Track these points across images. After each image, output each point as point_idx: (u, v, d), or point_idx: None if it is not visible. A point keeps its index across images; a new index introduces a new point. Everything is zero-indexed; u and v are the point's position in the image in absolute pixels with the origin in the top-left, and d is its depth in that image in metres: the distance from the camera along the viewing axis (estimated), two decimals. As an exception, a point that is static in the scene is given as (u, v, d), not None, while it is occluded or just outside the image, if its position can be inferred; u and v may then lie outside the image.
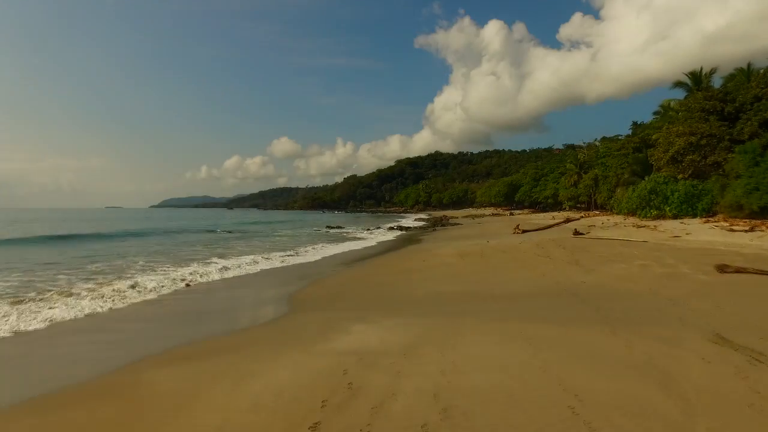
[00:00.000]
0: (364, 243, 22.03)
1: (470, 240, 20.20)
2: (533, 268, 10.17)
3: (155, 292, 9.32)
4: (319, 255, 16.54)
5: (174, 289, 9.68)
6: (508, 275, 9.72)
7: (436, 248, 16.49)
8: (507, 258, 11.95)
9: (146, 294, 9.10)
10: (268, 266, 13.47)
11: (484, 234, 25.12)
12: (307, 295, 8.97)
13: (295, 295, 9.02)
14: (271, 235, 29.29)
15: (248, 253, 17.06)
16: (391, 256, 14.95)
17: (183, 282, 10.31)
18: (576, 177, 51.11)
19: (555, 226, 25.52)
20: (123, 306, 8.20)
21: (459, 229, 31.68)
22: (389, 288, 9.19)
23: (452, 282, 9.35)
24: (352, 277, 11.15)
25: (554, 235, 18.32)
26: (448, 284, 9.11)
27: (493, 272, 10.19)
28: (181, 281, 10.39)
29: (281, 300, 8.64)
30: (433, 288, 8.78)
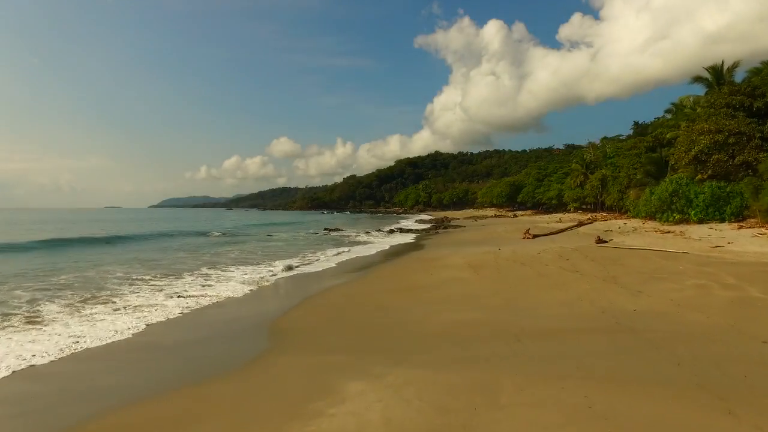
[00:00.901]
0: (363, 249, 20.38)
1: (478, 246, 18.57)
2: (564, 288, 8.53)
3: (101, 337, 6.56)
4: (313, 265, 14.89)
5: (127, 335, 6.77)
6: (537, 297, 8.07)
7: (442, 256, 14.86)
8: (529, 273, 10.31)
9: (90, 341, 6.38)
10: (254, 276, 11.83)
11: (492, 239, 23.50)
12: (292, 323, 7.33)
13: (277, 322, 7.37)
14: (265, 240, 27.63)
15: (239, 262, 15.42)
16: (394, 267, 13.28)
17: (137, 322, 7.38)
18: (582, 178, 49.47)
19: (567, 230, 23.91)
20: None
21: (463, 233, 30.05)
22: (394, 315, 7.52)
23: (470, 306, 7.70)
24: (349, 296, 9.49)
25: (573, 242, 16.67)
26: (465, 309, 7.46)
27: (516, 292, 8.54)
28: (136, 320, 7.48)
29: (257, 329, 7.00)
30: (449, 315, 7.13)
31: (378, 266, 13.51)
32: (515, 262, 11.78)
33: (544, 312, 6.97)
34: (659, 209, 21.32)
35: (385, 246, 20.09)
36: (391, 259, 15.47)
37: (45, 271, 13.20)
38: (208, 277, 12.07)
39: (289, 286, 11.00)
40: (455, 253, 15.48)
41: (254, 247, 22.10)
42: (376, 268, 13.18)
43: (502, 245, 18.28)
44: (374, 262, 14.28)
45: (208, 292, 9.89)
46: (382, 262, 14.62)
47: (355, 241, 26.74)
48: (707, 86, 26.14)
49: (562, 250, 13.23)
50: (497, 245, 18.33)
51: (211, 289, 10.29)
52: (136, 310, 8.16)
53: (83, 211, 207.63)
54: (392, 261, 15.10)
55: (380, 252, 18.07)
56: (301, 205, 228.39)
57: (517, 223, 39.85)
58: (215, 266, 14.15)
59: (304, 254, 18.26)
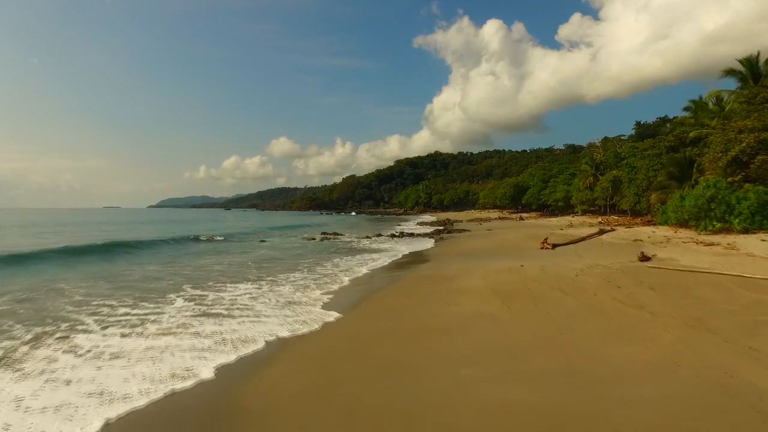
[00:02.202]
0: (362, 261, 18.06)
1: (493, 259, 16.27)
2: (638, 337, 6.21)
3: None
4: (293, 286, 12.57)
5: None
6: (606, 354, 5.73)
7: (456, 274, 12.55)
8: (575, 307, 7.98)
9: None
10: (198, 313, 9.51)
11: (505, 248, 21.18)
12: (262, 395, 5.00)
13: (242, 394, 5.04)
14: (253, 248, 25.28)
15: (225, 279, 13.11)
16: (400, 291, 10.92)
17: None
18: (592, 179, 47.23)
19: (588, 238, 21.60)
20: None
21: (470, 239, 27.73)
22: (403, 384, 5.17)
23: (513, 370, 5.37)
24: (344, 338, 7.15)
25: (607, 256, 14.32)
26: (507, 378, 5.13)
27: (572, 343, 6.20)
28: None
29: (206, 415, 4.67)
30: (485, 391, 4.80)
31: (380, 291, 11.16)
32: (551, 288, 9.46)
33: (632, 390, 4.65)
34: (694, 216, 19.02)
35: (386, 260, 17.70)
36: (395, 278, 13.13)
37: (43, 284, 11.03)
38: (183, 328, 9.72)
39: (240, 333, 8.67)
40: (471, 270, 13.16)
41: (241, 260, 19.75)
42: (378, 294, 10.84)
43: (521, 258, 15.97)
44: (376, 287, 11.90)
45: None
46: (386, 285, 12.27)
47: (354, 248, 24.44)
48: (740, 80, 23.85)
49: (604, 271, 10.91)
50: (516, 258, 16.02)
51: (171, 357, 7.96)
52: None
53: (83, 211, 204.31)
54: (397, 280, 12.77)
55: (383, 267, 15.72)
56: (300, 206, 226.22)
57: (525, 227, 37.53)
58: (193, 296, 11.83)
59: (290, 266, 15.96)
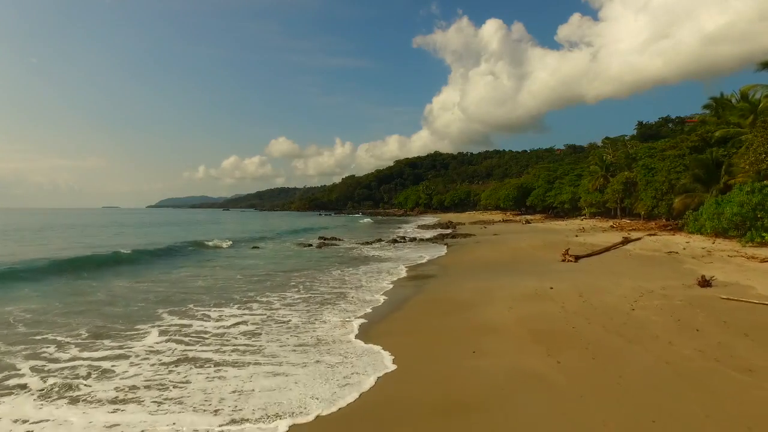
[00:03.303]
0: (358, 281, 15.92)
1: (510, 275, 14.16)
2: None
3: None
4: (295, 313, 10.43)
5: None
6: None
7: (473, 300, 10.44)
8: (649, 362, 5.85)
9: None
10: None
11: (519, 258, 19.08)
12: None
13: None
14: (239, 257, 23.15)
15: (208, 304, 10.97)
16: (400, 332, 8.75)
17: None
18: (602, 180, 45.11)
19: (613, 248, 19.49)
20: None
21: (479, 247, 25.61)
22: None
23: None
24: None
25: (651, 277, 12.16)
26: None
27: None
28: None
29: None
30: None
31: (376, 327, 9.01)
32: (605, 329, 7.32)
33: None
34: (735, 226, 16.95)
35: (386, 281, 15.48)
36: (397, 304, 10.99)
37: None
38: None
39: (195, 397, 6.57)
40: (490, 293, 11.05)
41: (226, 275, 17.61)
42: (374, 330, 8.70)
43: (544, 274, 13.86)
44: (374, 320, 9.73)
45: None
46: (386, 314, 10.14)
47: (354, 257, 22.33)
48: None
49: (665, 303, 8.76)
50: (538, 274, 13.91)
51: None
52: None
53: (80, 212, 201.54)
54: (400, 307, 10.64)
55: (382, 289, 13.54)
56: (299, 206, 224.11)
57: (534, 232, 35.42)
58: (171, 326, 9.70)
59: (289, 289, 13.85)
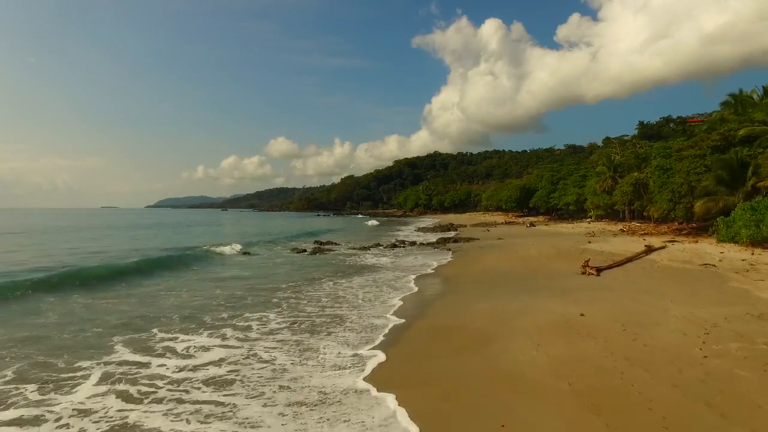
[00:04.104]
0: (350, 304, 14.09)
1: (528, 292, 12.35)
2: None
3: None
4: (278, 345, 8.58)
5: None
6: None
7: (488, 330, 8.63)
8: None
9: None
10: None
11: (532, 269, 17.26)
12: None
13: None
14: (225, 264, 21.30)
15: (177, 329, 9.12)
16: (416, 384, 6.89)
17: None
18: (610, 182, 43.31)
19: (636, 258, 17.68)
20: None
21: (484, 253, 23.77)
22: None
23: None
24: None
25: (699, 300, 10.30)
26: None
27: None
28: None
29: None
30: None
31: (395, 385, 7.14)
32: (680, 391, 5.47)
33: None
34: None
35: (386, 298, 13.65)
36: (404, 338, 9.15)
37: None
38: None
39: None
40: (508, 320, 9.24)
41: (205, 289, 15.78)
42: (393, 383, 6.85)
43: (565, 291, 12.06)
44: (381, 358, 7.88)
45: None
46: (392, 350, 8.30)
47: (350, 265, 20.53)
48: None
49: (745, 345, 6.89)
50: (558, 291, 12.10)
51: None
52: None
53: (78, 212, 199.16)
54: (397, 339, 8.81)
55: (382, 311, 11.70)
56: (298, 206, 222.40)
57: (541, 236, 33.58)
58: (120, 367, 7.85)
59: (272, 310, 12.03)
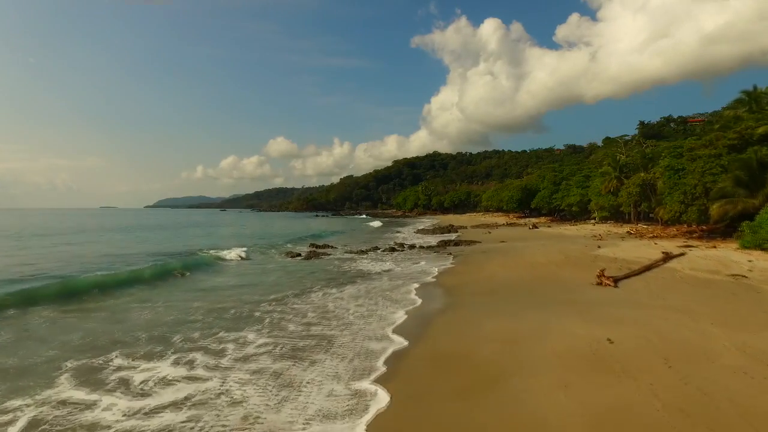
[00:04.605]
0: (340, 322, 12.70)
1: (539, 306, 10.98)
2: None
3: None
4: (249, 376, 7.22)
5: None
6: None
7: (499, 362, 7.28)
8: None
9: None
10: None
11: (541, 277, 15.89)
12: None
13: None
14: (211, 272, 19.87)
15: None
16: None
17: None
18: (616, 182, 42.00)
19: (654, 266, 16.32)
20: None
21: (487, 258, 22.37)
22: None
23: None
24: None
25: (742, 321, 8.94)
26: None
27: None
28: None
29: None
30: None
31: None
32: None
33: None
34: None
35: (381, 314, 12.29)
36: (400, 373, 7.78)
37: None
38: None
39: None
40: (523, 348, 7.88)
41: (183, 302, 14.38)
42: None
43: (582, 307, 10.70)
44: (379, 404, 6.53)
45: None
46: (388, 388, 6.93)
47: (344, 272, 19.17)
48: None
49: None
50: (576, 308, 10.74)
51: None
52: None
53: (75, 212, 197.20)
54: (393, 375, 7.45)
55: (374, 332, 10.33)
56: (297, 207, 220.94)
57: (546, 239, 32.23)
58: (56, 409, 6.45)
59: (251, 328, 10.64)
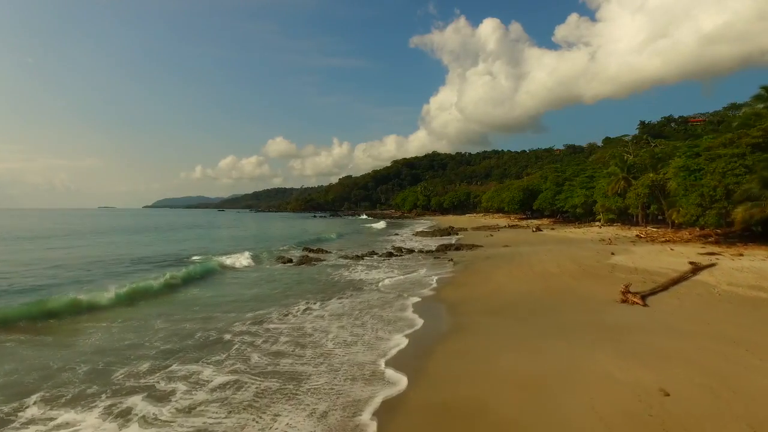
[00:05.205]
0: (318, 352, 10.94)
1: (558, 331, 9.26)
2: None
3: None
4: None
5: None
6: None
7: (525, 423, 5.54)
8: None
9: None
10: None
11: (556, 292, 14.16)
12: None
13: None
14: (186, 284, 18.03)
15: None
16: None
17: None
18: (623, 183, 40.30)
19: (682, 280, 14.58)
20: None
21: (492, 266, 20.62)
22: None
23: None
24: None
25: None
26: None
27: None
28: None
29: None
30: None
31: None
32: None
33: None
34: None
35: (368, 341, 10.55)
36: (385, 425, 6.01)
37: None
38: None
39: None
40: (554, 405, 6.16)
41: (144, 321, 12.60)
42: None
43: (615, 336, 8.97)
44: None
45: None
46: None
47: (336, 282, 17.43)
48: None
49: None
50: (606, 334, 9.01)
51: None
52: None
53: (72, 213, 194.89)
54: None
55: (361, 367, 8.58)
56: (295, 207, 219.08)
57: (552, 243, 30.50)
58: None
59: (212, 359, 8.86)
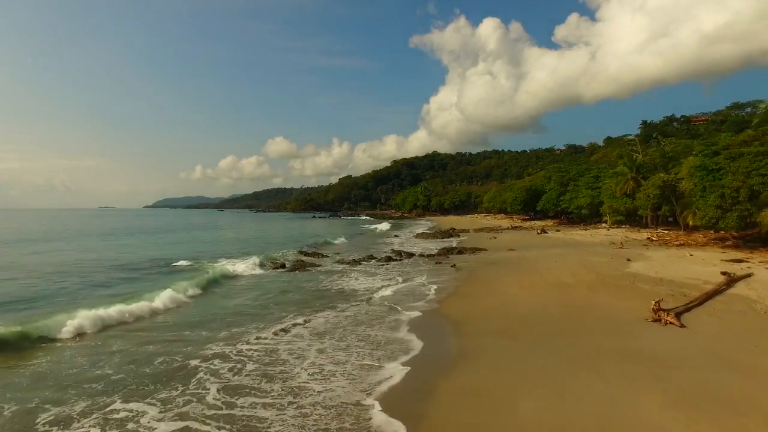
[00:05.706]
0: (294, 385, 9.29)
1: (585, 365, 7.66)
2: None
3: None
4: None
5: None
6: None
7: None
8: None
9: None
10: None
11: (572, 310, 12.52)
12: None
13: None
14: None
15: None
16: None
17: None
18: (632, 184, 38.68)
19: (715, 294, 12.96)
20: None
21: (498, 273, 18.99)
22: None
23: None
24: None
25: None
26: None
27: None
28: None
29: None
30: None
31: None
32: None
33: None
34: None
35: (352, 372, 8.97)
36: None
37: None
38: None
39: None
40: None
41: (92, 354, 11.01)
42: None
43: (658, 374, 7.37)
44: None
45: None
46: None
47: (329, 291, 15.83)
48: None
49: None
50: (643, 366, 7.42)
51: None
52: None
53: (70, 213, 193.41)
54: None
55: (340, 415, 6.98)
56: (295, 207, 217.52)
57: (560, 247, 28.86)
58: None
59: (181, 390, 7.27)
